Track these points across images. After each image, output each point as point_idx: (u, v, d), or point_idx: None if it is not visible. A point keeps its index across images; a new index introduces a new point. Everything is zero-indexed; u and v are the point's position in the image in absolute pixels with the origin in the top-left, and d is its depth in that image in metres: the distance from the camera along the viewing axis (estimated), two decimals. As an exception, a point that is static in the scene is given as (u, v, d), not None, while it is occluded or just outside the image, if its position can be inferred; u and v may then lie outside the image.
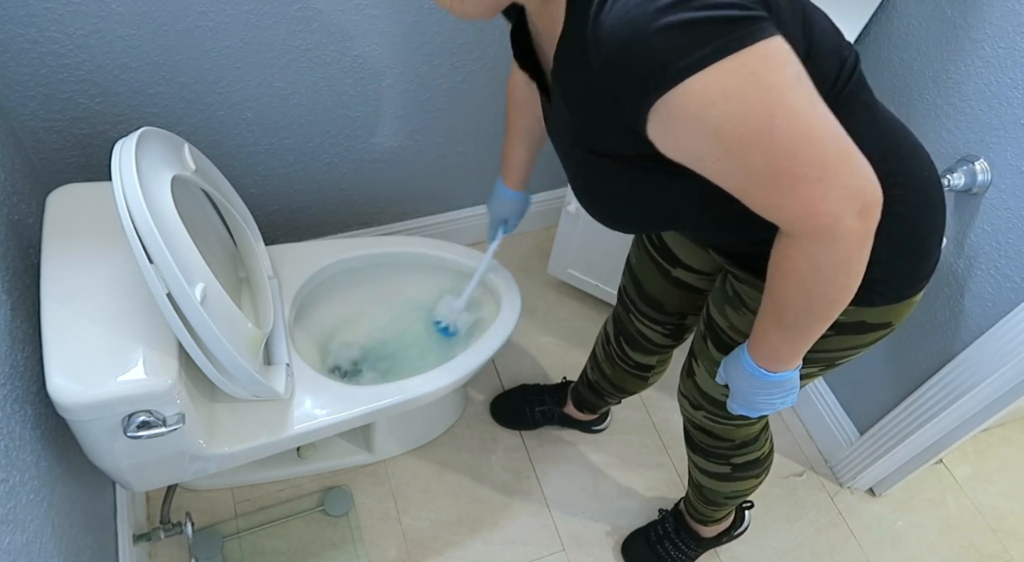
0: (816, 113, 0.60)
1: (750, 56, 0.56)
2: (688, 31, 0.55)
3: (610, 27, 0.58)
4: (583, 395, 1.54)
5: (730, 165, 0.62)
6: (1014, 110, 1.16)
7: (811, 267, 0.68)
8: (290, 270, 1.38)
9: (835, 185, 0.61)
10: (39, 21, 1.13)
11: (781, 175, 0.61)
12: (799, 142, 0.59)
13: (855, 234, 0.64)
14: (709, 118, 0.58)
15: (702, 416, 1.12)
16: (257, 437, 1.16)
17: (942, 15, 1.24)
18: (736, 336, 0.96)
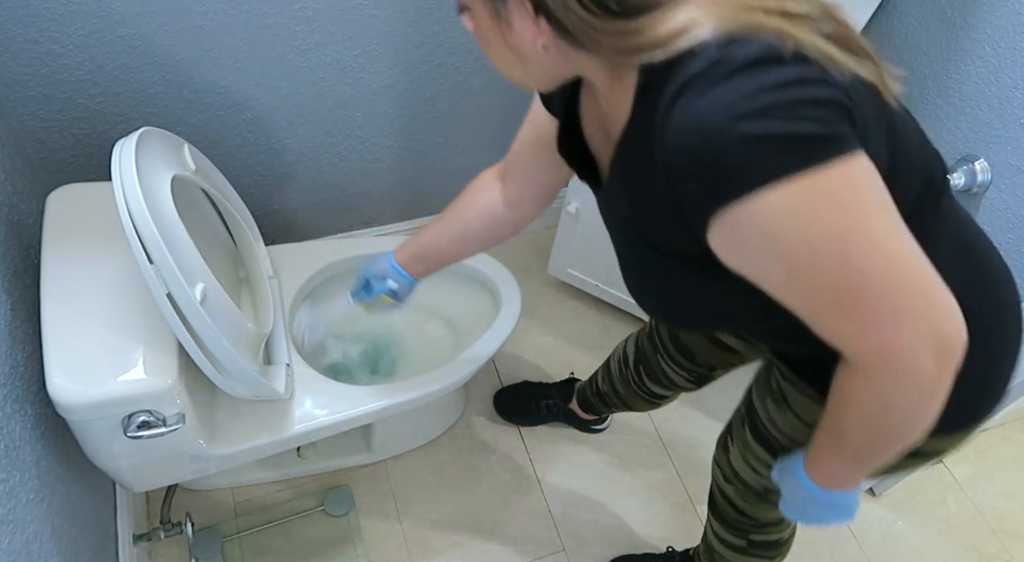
0: (897, 241, 0.55)
1: (829, 175, 0.52)
2: (765, 143, 0.51)
3: (682, 127, 0.54)
4: (589, 399, 1.53)
5: (794, 286, 0.58)
6: (1014, 110, 1.16)
7: (878, 404, 0.62)
8: (290, 270, 1.38)
9: (911, 321, 0.56)
10: (39, 21, 1.13)
11: (850, 304, 0.56)
12: (874, 272, 0.54)
13: (929, 378, 0.58)
14: (776, 236, 0.54)
15: (731, 490, 1.08)
16: (257, 437, 1.16)
17: (942, 15, 1.24)
18: (775, 431, 0.91)
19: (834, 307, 0.57)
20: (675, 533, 1.55)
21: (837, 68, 0.54)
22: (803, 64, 0.53)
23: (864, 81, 0.57)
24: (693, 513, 1.58)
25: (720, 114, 0.52)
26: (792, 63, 0.53)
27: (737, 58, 0.53)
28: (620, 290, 1.79)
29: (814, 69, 0.53)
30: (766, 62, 0.52)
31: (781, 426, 0.90)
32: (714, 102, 0.52)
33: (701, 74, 0.53)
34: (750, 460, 0.98)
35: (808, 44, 0.53)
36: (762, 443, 0.94)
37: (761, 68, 0.52)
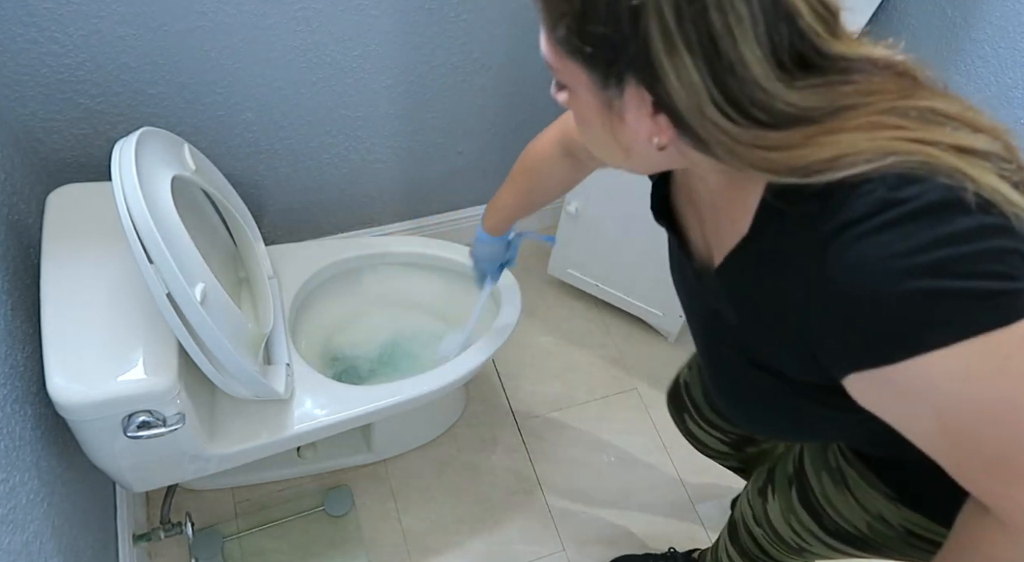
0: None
1: (1008, 336, 0.47)
2: (938, 301, 0.47)
3: (839, 274, 0.49)
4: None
5: (943, 442, 0.53)
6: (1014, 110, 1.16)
7: (1014, 557, 0.57)
8: (290, 270, 1.38)
9: None
10: (39, 21, 1.13)
11: (1002, 464, 0.51)
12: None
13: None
14: (936, 396, 0.50)
15: (760, 534, 1.02)
16: (257, 437, 1.16)
17: (942, 15, 1.24)
18: (830, 509, 0.86)
19: (987, 466, 0.53)
20: (675, 533, 1.55)
21: (1019, 215, 0.49)
22: (983, 212, 0.47)
23: None
24: (693, 513, 1.58)
25: (891, 265, 0.47)
26: (972, 211, 0.47)
27: (909, 202, 0.47)
28: (620, 290, 1.79)
29: (996, 217, 0.48)
30: (942, 208, 0.47)
31: (837, 506, 0.85)
32: (884, 250, 0.47)
33: (867, 215, 0.48)
34: (792, 522, 0.93)
35: (987, 187, 0.48)
36: (811, 513, 0.89)
37: (937, 215, 0.47)
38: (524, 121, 1.72)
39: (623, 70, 0.51)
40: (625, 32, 0.48)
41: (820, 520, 0.89)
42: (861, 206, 0.48)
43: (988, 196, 0.48)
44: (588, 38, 0.50)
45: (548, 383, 1.76)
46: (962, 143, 0.49)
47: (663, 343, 1.86)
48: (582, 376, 1.78)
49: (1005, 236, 0.48)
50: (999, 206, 0.48)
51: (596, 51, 0.51)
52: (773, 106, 0.49)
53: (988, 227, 0.47)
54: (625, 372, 1.80)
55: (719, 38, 0.47)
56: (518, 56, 1.55)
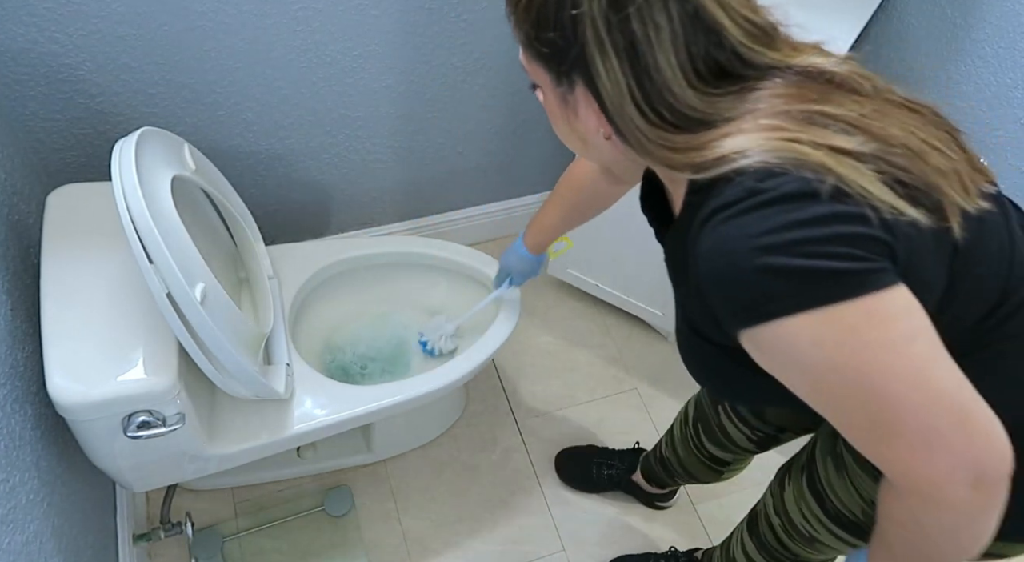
0: (927, 377, 0.54)
1: (852, 309, 0.52)
2: (787, 278, 0.52)
3: (707, 250, 0.56)
4: (652, 468, 1.44)
5: (821, 404, 0.58)
6: (1014, 110, 1.16)
7: (915, 524, 0.60)
8: (290, 270, 1.38)
9: (943, 452, 0.54)
10: (39, 21, 1.13)
11: (877, 428, 0.55)
12: (901, 403, 0.53)
13: (966, 504, 0.56)
14: (797, 359, 0.55)
15: (778, 523, 1.04)
16: (257, 437, 1.16)
17: (942, 15, 1.24)
18: (830, 492, 0.89)
19: (864, 427, 0.57)
20: (675, 533, 1.55)
21: (877, 207, 0.53)
22: (838, 201, 0.53)
23: (916, 219, 0.55)
24: (693, 513, 1.58)
25: (744, 244, 0.53)
26: (826, 200, 0.53)
27: (768, 191, 0.53)
28: (620, 290, 1.79)
29: (849, 206, 0.53)
30: (798, 197, 0.53)
31: (838, 490, 0.88)
32: (740, 231, 0.54)
33: (732, 202, 0.55)
34: (802, 507, 0.96)
35: (851, 181, 0.53)
36: (815, 497, 0.93)
37: (792, 203, 0.53)
38: (524, 121, 1.72)
39: (570, 70, 0.60)
40: (569, 37, 0.58)
41: (824, 505, 0.91)
42: (730, 194, 0.55)
43: (850, 188, 0.53)
44: (543, 42, 0.60)
45: (548, 383, 1.76)
46: (836, 143, 0.55)
47: (663, 343, 1.86)
48: (582, 376, 1.78)
49: (857, 223, 0.53)
50: (856, 198, 0.53)
51: (550, 53, 0.61)
52: (679, 109, 0.57)
53: (840, 215, 0.53)
54: (625, 372, 1.80)
55: (639, 44, 0.56)
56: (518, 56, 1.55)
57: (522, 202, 1.94)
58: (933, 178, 0.57)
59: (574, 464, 1.60)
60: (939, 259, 0.59)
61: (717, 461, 1.22)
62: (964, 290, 0.61)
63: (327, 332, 1.53)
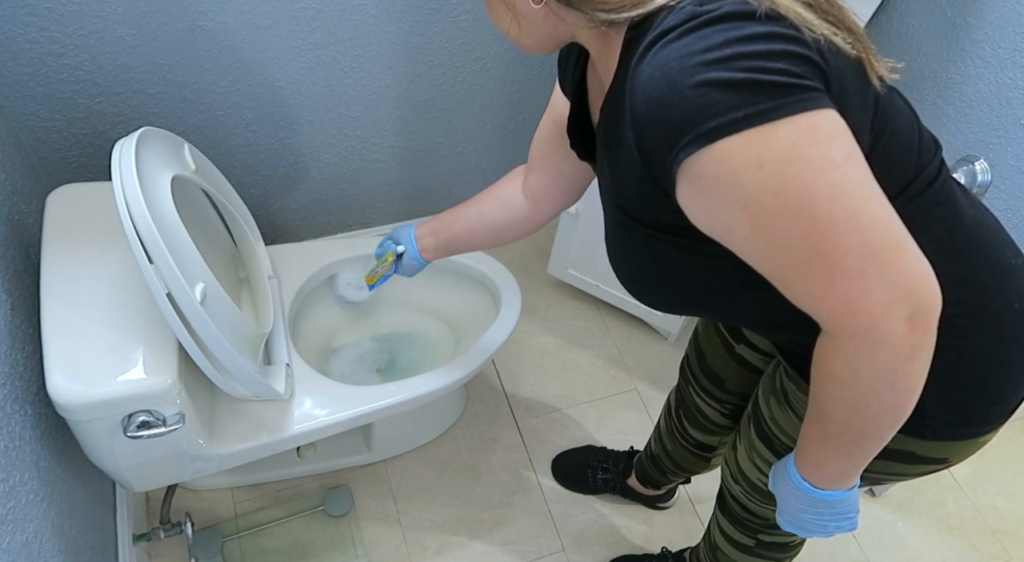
0: (866, 196, 0.54)
1: (794, 125, 0.51)
2: (727, 90, 0.51)
3: (646, 77, 0.54)
4: (645, 468, 1.45)
5: (761, 243, 0.56)
6: (1014, 110, 1.16)
7: (851, 372, 0.60)
8: (290, 270, 1.38)
9: (880, 281, 0.54)
10: (39, 21, 1.13)
11: (817, 262, 0.54)
12: (841, 226, 0.53)
13: (901, 341, 0.56)
14: (739, 186, 0.53)
15: (739, 490, 1.06)
16: (257, 437, 1.16)
17: (942, 15, 1.24)
18: (776, 431, 0.90)
19: (803, 265, 0.55)
20: (675, 533, 1.55)
21: (812, 30, 0.54)
22: (775, 22, 0.53)
23: (844, 51, 0.56)
24: (692, 513, 1.58)
25: (686, 62, 0.52)
26: (764, 20, 0.53)
27: (709, 12, 0.53)
28: (620, 290, 1.79)
29: (787, 28, 0.53)
30: (738, 17, 0.53)
31: (783, 425, 0.89)
32: (681, 51, 0.53)
33: (674, 27, 0.54)
34: (755, 459, 0.98)
35: (784, 5, 0.54)
36: (765, 442, 0.94)
37: (732, 22, 0.53)
38: (524, 121, 1.72)
39: None
40: None
41: (772, 445, 0.92)
42: (670, 20, 0.55)
43: (783, 12, 0.53)
44: None
45: (548, 383, 1.76)
46: None
47: (663, 343, 1.86)
48: (582, 376, 1.78)
49: (794, 43, 0.53)
50: (791, 20, 0.53)
51: None
52: None
53: (778, 34, 0.53)
54: (625, 372, 1.80)
55: None
56: (518, 56, 1.55)
57: (522, 202, 1.94)
58: (850, 23, 0.58)
59: (570, 468, 1.60)
60: (864, 106, 0.58)
61: (703, 447, 1.25)
62: (887, 151, 0.61)
63: (327, 332, 1.53)
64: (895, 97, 0.65)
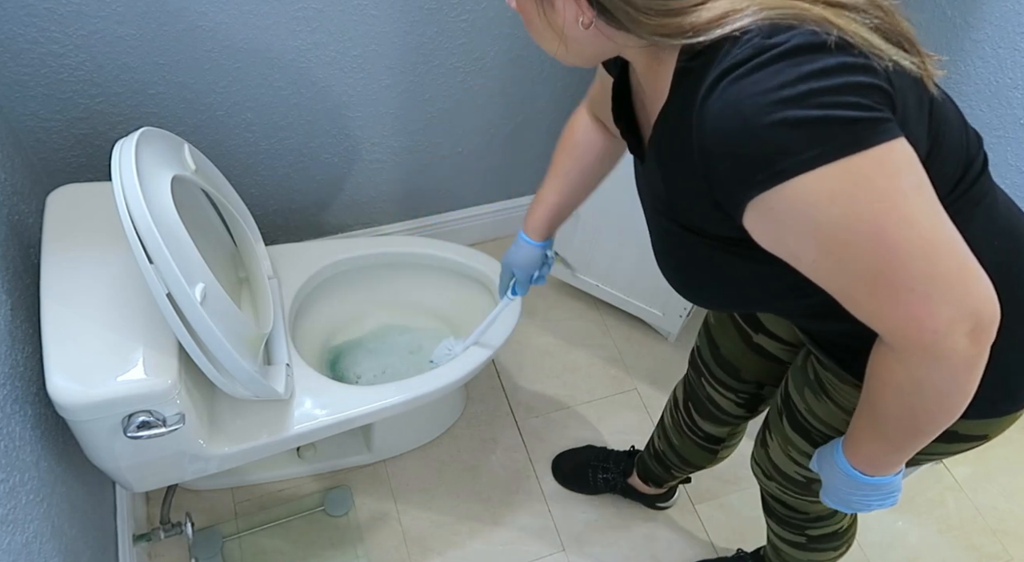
0: (934, 225, 0.55)
1: (866, 159, 0.53)
2: (802, 129, 0.52)
3: (717, 112, 0.55)
4: (648, 466, 1.44)
5: (829, 267, 0.59)
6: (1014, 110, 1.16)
7: (912, 383, 0.63)
8: (290, 270, 1.38)
9: (946, 302, 0.56)
10: (39, 21, 1.13)
11: (884, 284, 0.57)
12: (910, 254, 0.55)
13: (963, 356, 0.59)
14: (810, 219, 0.55)
15: (775, 487, 1.07)
16: (257, 437, 1.16)
17: (942, 15, 1.24)
18: (814, 421, 0.91)
19: (870, 287, 0.58)
20: (675, 533, 1.55)
21: (880, 56, 0.55)
22: (845, 52, 0.53)
23: (906, 70, 0.57)
24: (693, 513, 1.58)
25: (760, 99, 0.52)
26: (835, 51, 0.53)
27: (779, 46, 0.53)
28: (620, 290, 1.79)
29: (857, 57, 0.54)
30: (808, 50, 0.53)
31: (820, 415, 0.90)
32: (754, 87, 0.53)
33: (743, 61, 0.54)
34: (791, 452, 0.97)
35: (852, 33, 0.54)
36: (802, 434, 0.94)
37: (803, 56, 0.53)
38: (524, 121, 1.72)
39: None
40: None
41: (810, 436, 0.93)
42: (739, 53, 0.54)
43: (852, 40, 0.54)
44: None
45: (548, 383, 1.76)
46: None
47: (663, 343, 1.86)
48: (582, 376, 1.78)
49: (864, 73, 0.54)
50: (861, 48, 0.54)
51: None
52: None
53: (849, 65, 0.53)
54: (625, 372, 1.80)
55: None
56: (518, 56, 1.55)
57: (522, 202, 1.94)
58: (908, 34, 0.58)
59: (570, 469, 1.60)
60: (920, 117, 0.60)
61: (712, 439, 1.24)
62: (941, 154, 0.63)
63: (327, 332, 1.53)
64: (943, 96, 0.66)
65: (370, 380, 1.51)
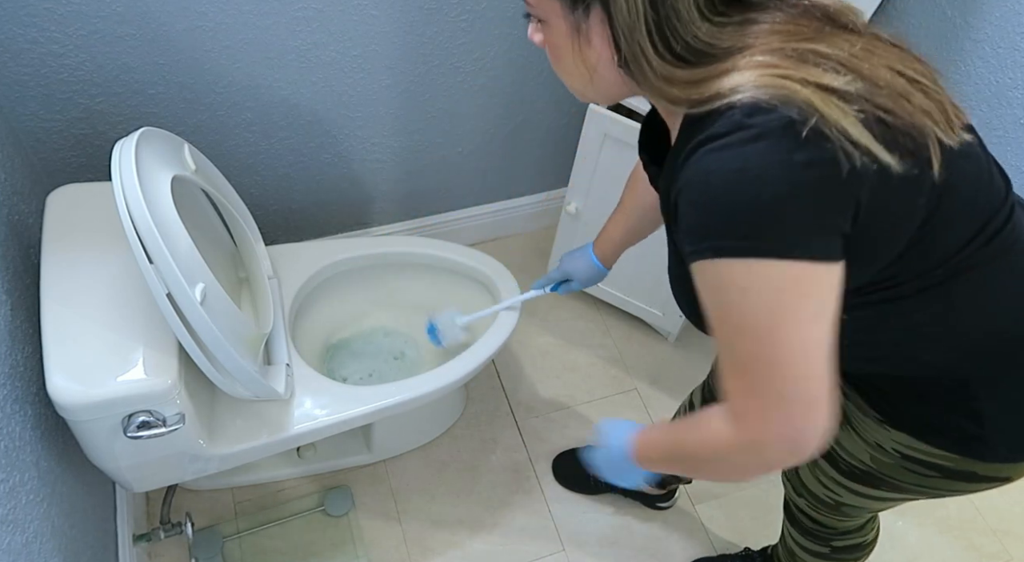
0: (814, 356, 0.60)
1: (785, 270, 0.56)
2: (747, 215, 0.56)
3: (691, 176, 0.59)
4: None
5: (720, 336, 0.64)
6: (1014, 110, 1.16)
7: (722, 450, 0.69)
8: (290, 270, 1.38)
9: (786, 422, 0.62)
10: (39, 21, 1.13)
11: (750, 376, 0.62)
12: (778, 368, 0.60)
13: (774, 463, 0.66)
14: (721, 295, 0.61)
15: (803, 503, 1.08)
16: (257, 437, 1.16)
17: (942, 15, 1.24)
18: (840, 452, 0.92)
19: (740, 370, 0.63)
20: (675, 533, 1.55)
21: (851, 153, 0.55)
22: (817, 145, 0.55)
23: (891, 167, 0.57)
24: (693, 513, 1.58)
25: (721, 177, 0.56)
26: (805, 144, 0.55)
27: (753, 127, 0.56)
28: (620, 290, 1.79)
29: (828, 152, 0.55)
30: (778, 136, 0.55)
31: (845, 444, 0.91)
32: (719, 164, 0.57)
33: (720, 135, 0.57)
34: (819, 476, 0.99)
35: (833, 122, 0.55)
36: (829, 461, 0.95)
37: (772, 142, 0.55)
38: (524, 121, 1.72)
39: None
40: None
41: (836, 464, 0.94)
42: (718, 126, 0.58)
43: (828, 131, 0.55)
44: None
45: (548, 383, 1.76)
46: (825, 82, 0.56)
47: (663, 343, 1.86)
48: (582, 376, 1.78)
49: (828, 176, 0.55)
50: (832, 140, 0.55)
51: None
52: (685, 38, 0.59)
53: (815, 163, 0.55)
54: (625, 372, 1.80)
55: None
56: (518, 56, 1.55)
57: (521, 202, 1.94)
58: (918, 118, 0.59)
59: (570, 468, 1.60)
60: (910, 198, 0.61)
61: None
62: (944, 221, 0.64)
63: (327, 332, 1.53)
64: (969, 156, 0.65)
65: (370, 380, 1.51)
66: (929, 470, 0.83)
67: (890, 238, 0.62)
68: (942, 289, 0.67)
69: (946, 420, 0.77)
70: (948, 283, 0.66)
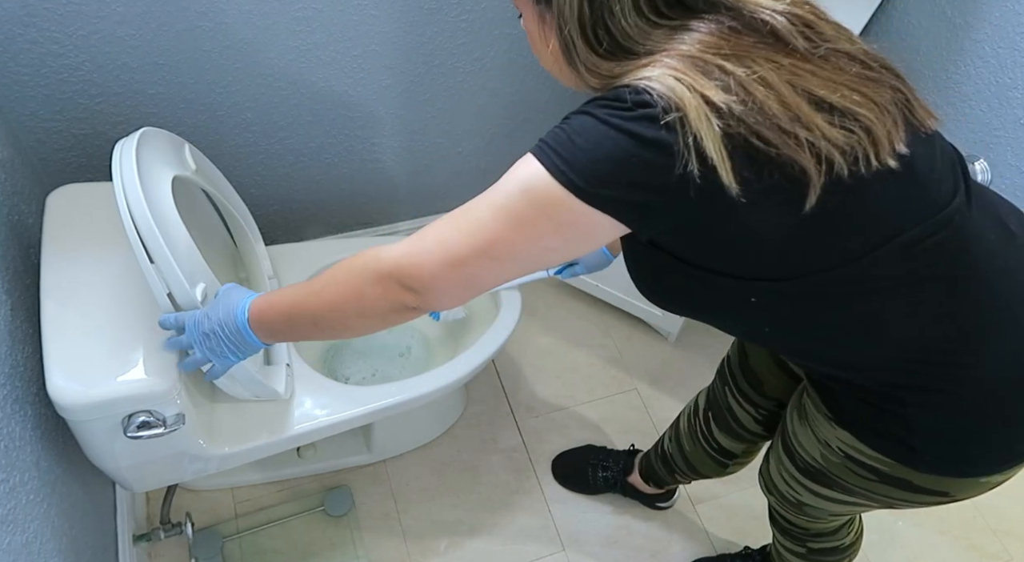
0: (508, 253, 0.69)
1: (556, 190, 0.63)
2: (582, 155, 0.62)
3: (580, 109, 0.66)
4: (652, 466, 1.44)
5: (476, 198, 0.72)
6: (1014, 110, 1.16)
7: (355, 295, 0.75)
8: (290, 270, 1.38)
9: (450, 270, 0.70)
10: (39, 21, 1.13)
11: (450, 222, 0.72)
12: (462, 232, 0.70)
13: (404, 311, 0.74)
14: (510, 177, 0.69)
15: (773, 501, 1.09)
16: (257, 437, 1.16)
17: (942, 15, 1.24)
18: (796, 444, 0.93)
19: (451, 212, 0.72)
20: (675, 533, 1.55)
21: (696, 160, 0.59)
22: (667, 132, 0.59)
23: (725, 186, 0.60)
24: (693, 513, 1.58)
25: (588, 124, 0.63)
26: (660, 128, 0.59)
27: (632, 103, 0.61)
28: (620, 290, 1.79)
29: (671, 141, 0.59)
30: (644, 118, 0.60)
31: (801, 439, 0.92)
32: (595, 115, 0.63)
33: (607, 99, 0.64)
34: (781, 472, 1.00)
35: (695, 128, 0.59)
36: (788, 454, 0.96)
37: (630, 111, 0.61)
38: (524, 121, 1.72)
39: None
40: None
41: (794, 459, 0.96)
42: (609, 93, 0.64)
43: (684, 129, 0.59)
44: None
45: (548, 383, 1.76)
46: (708, 94, 0.60)
47: (663, 343, 1.86)
48: (582, 376, 1.78)
49: (663, 155, 0.60)
50: (682, 139, 0.59)
51: None
52: (614, 34, 0.65)
53: (654, 142, 0.60)
54: (625, 372, 1.80)
55: None
56: (518, 56, 1.55)
57: (522, 202, 1.94)
58: (796, 154, 0.60)
59: (570, 468, 1.60)
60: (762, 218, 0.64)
61: (725, 453, 1.23)
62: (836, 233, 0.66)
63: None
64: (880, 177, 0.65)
65: (370, 380, 1.51)
66: (869, 473, 0.84)
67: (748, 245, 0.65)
68: (863, 296, 0.68)
69: (883, 423, 0.79)
70: (872, 291, 0.68)
